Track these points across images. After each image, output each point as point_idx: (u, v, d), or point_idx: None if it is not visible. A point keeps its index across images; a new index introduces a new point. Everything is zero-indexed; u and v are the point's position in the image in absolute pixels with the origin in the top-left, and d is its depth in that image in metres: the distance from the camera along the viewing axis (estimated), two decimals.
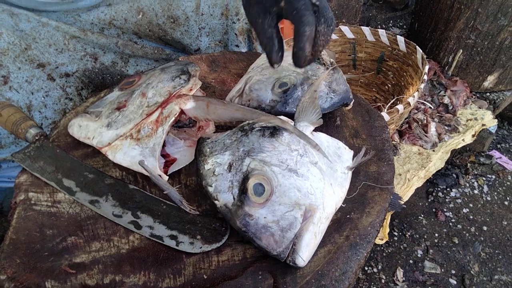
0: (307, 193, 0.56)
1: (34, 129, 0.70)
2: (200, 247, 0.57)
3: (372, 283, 1.51)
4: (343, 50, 1.57)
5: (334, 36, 1.53)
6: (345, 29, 1.50)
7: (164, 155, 0.64)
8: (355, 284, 1.50)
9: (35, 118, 0.93)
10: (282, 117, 0.63)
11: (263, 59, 0.84)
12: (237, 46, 1.06)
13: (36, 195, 0.64)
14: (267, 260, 0.56)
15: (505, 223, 1.66)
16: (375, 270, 1.55)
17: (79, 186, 0.65)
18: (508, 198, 1.76)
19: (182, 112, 0.60)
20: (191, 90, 0.64)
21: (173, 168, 0.64)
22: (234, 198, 0.55)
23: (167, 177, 0.61)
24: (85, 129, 0.68)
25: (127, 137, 0.62)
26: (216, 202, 0.56)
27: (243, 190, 0.55)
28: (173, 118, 0.59)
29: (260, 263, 0.56)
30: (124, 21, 0.91)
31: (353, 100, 0.73)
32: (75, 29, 0.86)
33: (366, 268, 1.56)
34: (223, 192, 0.56)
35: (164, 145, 0.64)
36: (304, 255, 0.52)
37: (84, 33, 0.87)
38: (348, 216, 0.61)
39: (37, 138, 0.70)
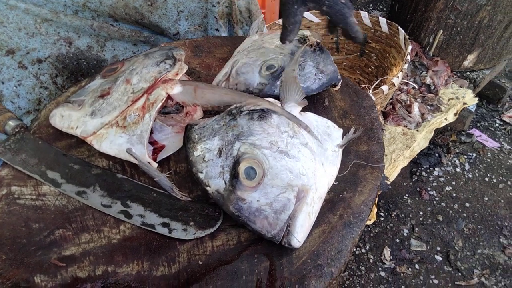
0: (299, 174, 0.56)
1: (14, 121, 0.68)
2: (194, 233, 0.56)
3: (361, 263, 1.54)
4: (325, 33, 1.57)
5: (316, 20, 1.52)
6: None
7: (151, 142, 0.63)
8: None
9: None
10: (269, 99, 0.63)
11: (248, 42, 0.82)
12: (217, 30, 1.03)
13: (20, 189, 0.61)
14: (262, 243, 0.55)
15: (486, 199, 1.71)
16: (363, 250, 1.58)
17: (65, 178, 0.63)
18: (488, 175, 1.81)
19: (169, 97, 0.58)
20: (177, 74, 0.62)
21: (162, 155, 0.63)
22: (225, 183, 0.55)
23: (157, 164, 0.60)
24: (68, 118, 0.66)
25: (113, 125, 0.60)
26: (207, 188, 0.55)
27: (234, 175, 0.54)
28: (160, 104, 0.58)
29: (255, 246, 0.55)
30: (99, 3, 0.87)
31: (341, 80, 0.73)
32: (46, 11, 0.82)
33: (354, 249, 1.58)
34: (214, 178, 0.55)
35: (151, 132, 0.62)
36: (299, 236, 0.52)
37: (56, 15, 0.83)
38: (340, 195, 0.61)
39: (17, 130, 0.68)
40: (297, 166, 0.57)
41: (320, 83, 0.71)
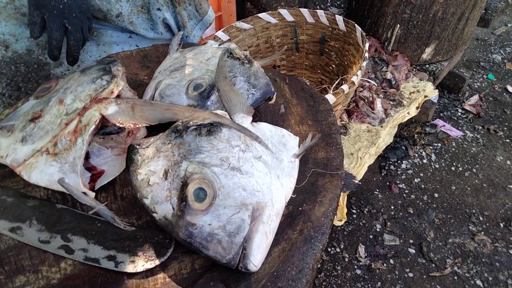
0: (253, 191, 0.52)
1: None
2: (143, 265, 0.51)
3: (336, 263, 1.53)
4: (284, 34, 1.54)
5: (273, 20, 1.49)
6: (284, 12, 1.47)
7: (89, 168, 0.57)
8: (319, 266, 1.51)
9: None
10: (218, 111, 0.59)
11: (169, 60, 0.77)
12: (159, 9, 0.97)
13: None
14: (218, 269, 0.51)
15: (454, 188, 1.74)
16: (337, 250, 1.57)
17: None
18: (454, 164, 1.84)
19: (104, 118, 0.53)
20: (112, 92, 0.57)
21: (102, 182, 0.57)
22: (173, 208, 0.50)
23: (93, 193, 0.54)
24: None
25: (43, 152, 0.54)
26: (154, 215, 0.51)
27: (182, 198, 0.50)
28: (94, 126, 0.52)
29: (210, 273, 0.51)
30: None
31: (276, 93, 0.69)
32: None
33: (329, 249, 1.57)
34: (160, 203, 0.51)
35: (88, 157, 0.56)
36: (255, 259, 0.48)
37: None
38: (300, 208, 0.58)
39: None
40: (250, 182, 0.53)
41: (254, 98, 0.66)
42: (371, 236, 1.60)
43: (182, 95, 0.66)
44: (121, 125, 0.53)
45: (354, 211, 1.68)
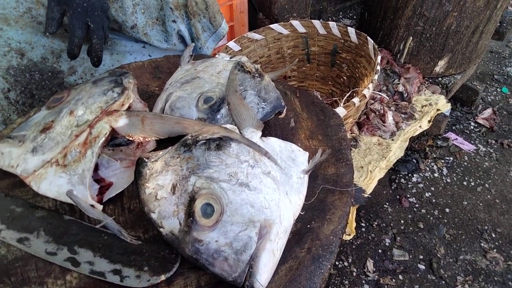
0: (261, 208, 0.52)
1: None
2: (148, 280, 0.51)
3: (344, 277, 1.50)
4: (296, 45, 1.54)
5: (285, 31, 1.50)
6: (296, 23, 1.47)
7: (98, 179, 0.57)
8: (327, 280, 1.49)
9: None
10: (228, 125, 0.58)
11: (180, 72, 0.77)
12: (174, 21, 0.98)
13: None
14: (224, 287, 0.51)
15: (465, 203, 1.71)
16: (345, 264, 1.54)
17: (5, 223, 0.57)
18: (466, 178, 1.81)
19: (113, 130, 0.53)
20: (123, 105, 0.57)
21: (110, 194, 0.57)
22: (180, 224, 0.50)
23: (101, 206, 0.54)
24: (8, 156, 0.60)
25: (53, 163, 0.54)
26: (161, 229, 0.50)
27: (189, 214, 0.49)
28: (104, 138, 0.52)
29: None
30: None
31: (286, 107, 0.69)
32: None
33: (337, 263, 1.54)
34: (167, 218, 0.50)
35: (97, 169, 0.56)
36: (262, 278, 0.48)
37: (7, 22, 0.77)
38: (308, 226, 0.57)
39: None
40: (259, 198, 0.52)
41: (264, 112, 0.66)
42: (380, 251, 1.57)
43: (192, 108, 0.66)
44: (131, 138, 0.53)
45: (363, 224, 1.66)
